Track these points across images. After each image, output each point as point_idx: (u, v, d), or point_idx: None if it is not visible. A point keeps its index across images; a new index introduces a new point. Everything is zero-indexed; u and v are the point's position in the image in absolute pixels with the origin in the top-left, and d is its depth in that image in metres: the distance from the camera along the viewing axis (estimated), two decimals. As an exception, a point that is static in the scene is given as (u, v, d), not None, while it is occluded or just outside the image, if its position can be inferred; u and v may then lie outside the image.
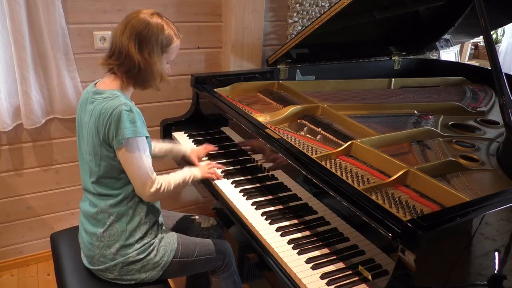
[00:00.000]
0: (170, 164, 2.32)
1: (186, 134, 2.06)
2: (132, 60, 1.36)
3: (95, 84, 1.45)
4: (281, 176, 1.52)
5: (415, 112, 1.93)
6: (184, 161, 1.83)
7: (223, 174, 1.70)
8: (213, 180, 1.66)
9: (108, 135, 1.33)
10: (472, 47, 4.27)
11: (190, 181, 1.57)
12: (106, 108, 1.32)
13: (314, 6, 2.50)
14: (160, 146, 1.77)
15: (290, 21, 2.47)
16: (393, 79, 2.38)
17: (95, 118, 1.35)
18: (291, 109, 1.82)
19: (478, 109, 2.03)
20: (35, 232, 2.31)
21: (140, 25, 1.35)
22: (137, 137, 1.34)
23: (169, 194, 1.47)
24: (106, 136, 1.34)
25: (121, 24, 1.39)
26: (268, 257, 1.30)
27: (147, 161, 1.39)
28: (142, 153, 1.36)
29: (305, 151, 1.47)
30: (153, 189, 1.40)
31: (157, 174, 1.44)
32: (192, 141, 1.98)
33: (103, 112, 1.33)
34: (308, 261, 1.24)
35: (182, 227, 1.74)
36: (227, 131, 1.91)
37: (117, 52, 1.38)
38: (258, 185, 1.63)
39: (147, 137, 1.40)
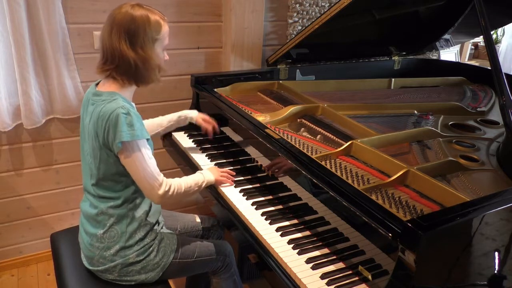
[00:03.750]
0: (170, 164, 2.32)
1: (186, 134, 2.05)
2: (127, 60, 1.33)
3: (96, 84, 1.44)
4: (281, 176, 1.52)
5: (415, 112, 1.93)
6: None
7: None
8: (224, 184, 1.61)
9: (108, 139, 1.32)
10: (472, 47, 4.27)
11: (203, 185, 1.53)
12: (104, 111, 1.31)
13: (314, 6, 2.50)
14: (161, 119, 1.82)
15: (290, 21, 2.47)
16: (393, 79, 2.38)
17: (94, 120, 1.34)
18: (291, 109, 1.82)
19: (478, 109, 2.02)
20: (35, 232, 2.31)
21: (125, 20, 1.32)
22: (136, 140, 1.32)
23: (180, 198, 1.45)
24: (105, 140, 1.33)
25: (106, 25, 1.36)
26: (268, 257, 1.30)
27: (151, 163, 1.36)
28: (144, 155, 1.34)
29: (305, 151, 1.47)
30: (161, 192, 1.38)
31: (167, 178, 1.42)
32: (192, 141, 1.98)
33: (101, 115, 1.32)
34: (308, 261, 1.23)
35: (182, 227, 1.73)
36: (227, 131, 1.91)
37: (110, 56, 1.35)
38: (258, 185, 1.63)
39: (147, 139, 1.39)
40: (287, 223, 1.41)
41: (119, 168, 1.38)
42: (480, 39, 4.01)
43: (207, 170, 1.59)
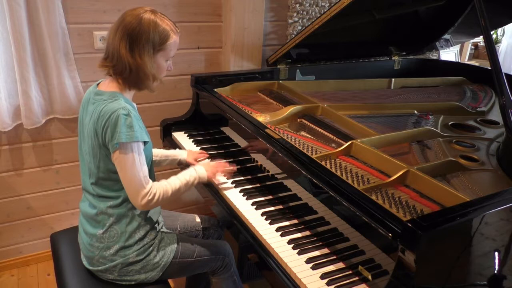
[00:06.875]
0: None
1: (186, 134, 2.06)
2: (123, 62, 1.33)
3: (98, 84, 1.44)
4: (281, 176, 1.52)
5: (415, 112, 1.93)
6: (182, 165, 1.82)
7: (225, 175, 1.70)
8: (221, 179, 1.61)
9: (105, 138, 1.32)
10: (472, 47, 4.28)
11: (195, 182, 1.52)
12: (105, 111, 1.31)
13: (314, 6, 2.50)
14: (156, 152, 1.73)
15: (290, 21, 2.47)
16: (393, 79, 2.38)
17: (95, 120, 1.34)
18: (291, 109, 1.82)
19: (478, 109, 2.02)
20: (35, 232, 2.31)
21: (132, 23, 1.32)
22: (133, 142, 1.31)
23: (167, 202, 1.43)
24: (104, 139, 1.33)
25: (115, 23, 1.36)
26: (268, 257, 1.30)
27: (142, 168, 1.34)
28: (136, 160, 1.32)
29: (305, 151, 1.47)
30: (144, 201, 1.35)
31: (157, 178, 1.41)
32: (192, 141, 1.98)
33: (102, 115, 1.32)
34: (308, 261, 1.24)
35: (182, 227, 1.73)
36: (227, 131, 1.91)
37: (110, 54, 1.36)
38: (258, 185, 1.63)
39: (146, 142, 1.38)
40: (287, 223, 1.41)
41: None
42: (480, 39, 4.01)
43: (200, 166, 1.57)
